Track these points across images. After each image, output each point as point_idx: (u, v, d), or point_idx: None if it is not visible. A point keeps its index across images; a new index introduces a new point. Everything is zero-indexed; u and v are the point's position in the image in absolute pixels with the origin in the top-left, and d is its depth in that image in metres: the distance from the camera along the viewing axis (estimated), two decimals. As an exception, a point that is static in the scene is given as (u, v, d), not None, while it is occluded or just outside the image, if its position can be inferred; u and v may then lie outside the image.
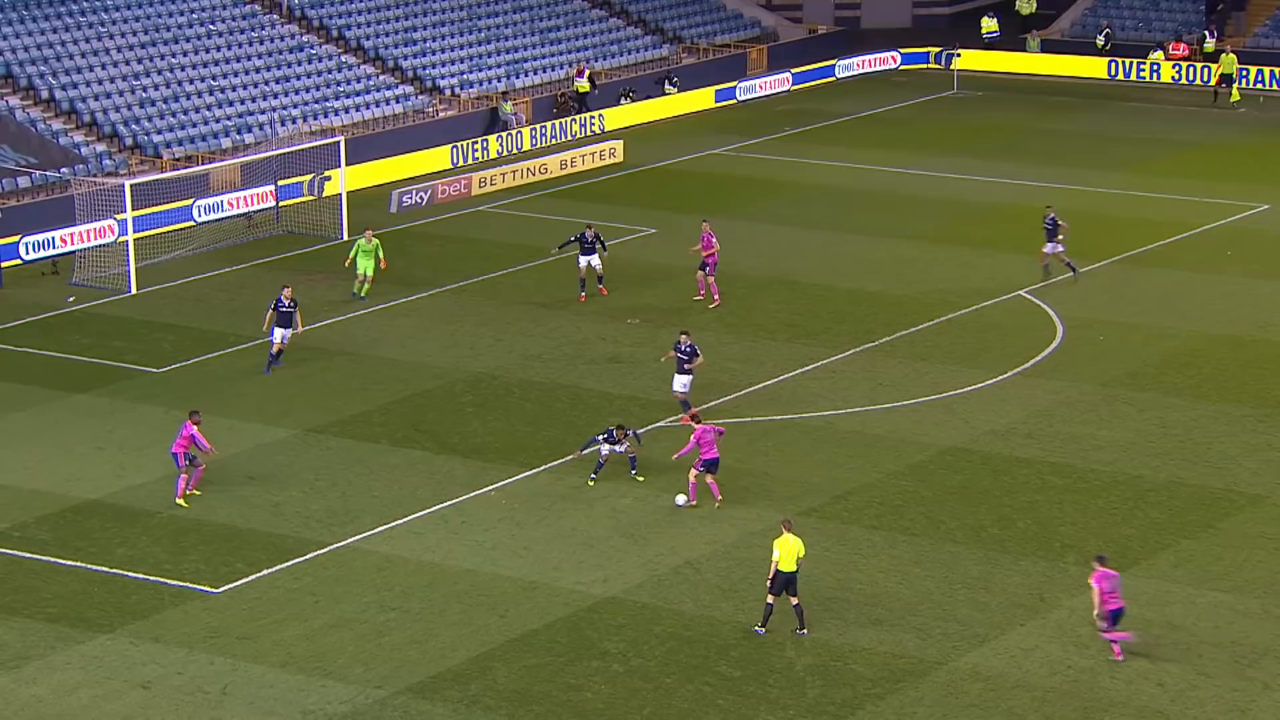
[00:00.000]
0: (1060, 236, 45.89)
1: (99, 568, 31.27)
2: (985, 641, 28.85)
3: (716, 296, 44.80)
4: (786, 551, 28.86)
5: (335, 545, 32.19)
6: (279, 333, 39.57)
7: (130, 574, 31.00)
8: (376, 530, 32.75)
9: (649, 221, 52.02)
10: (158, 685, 27.57)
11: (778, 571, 28.86)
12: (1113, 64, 70.62)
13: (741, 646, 28.69)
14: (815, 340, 42.52)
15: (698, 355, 37.11)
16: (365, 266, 44.74)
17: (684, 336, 37.33)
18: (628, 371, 40.60)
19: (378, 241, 45.16)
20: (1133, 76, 70.33)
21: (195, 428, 33.46)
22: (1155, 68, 70.13)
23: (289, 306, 39.61)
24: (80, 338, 43.00)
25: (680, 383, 37.09)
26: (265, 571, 31.14)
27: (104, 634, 29.01)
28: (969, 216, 53.21)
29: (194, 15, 60.77)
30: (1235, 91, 66.89)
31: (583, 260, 45.10)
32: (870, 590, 30.55)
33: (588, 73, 63.73)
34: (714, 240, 44.72)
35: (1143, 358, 41.41)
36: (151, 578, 30.87)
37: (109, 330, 43.53)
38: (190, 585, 30.63)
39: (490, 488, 34.35)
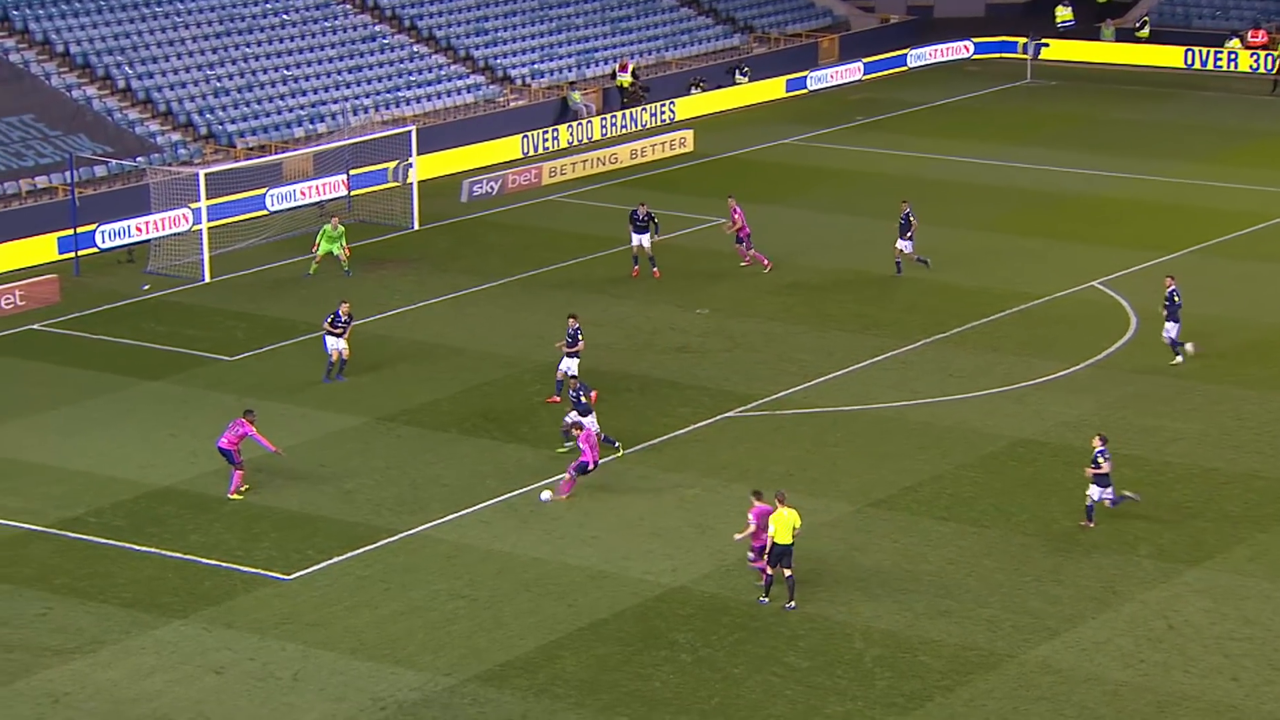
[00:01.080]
0: (910, 234, 45.33)
1: (173, 554, 31.57)
2: (1056, 634, 28.67)
3: (766, 261, 46.01)
4: (781, 524, 29.23)
5: (405, 533, 32.36)
6: (332, 342, 39.26)
7: (203, 560, 31.29)
8: (446, 519, 32.90)
9: (719, 211, 51.83)
10: (230, 670, 27.82)
11: (773, 544, 29.21)
12: (1189, 53, 69.87)
13: (810, 637, 28.64)
14: (886, 331, 42.36)
15: (579, 341, 37.52)
16: (327, 249, 45.82)
17: (571, 320, 37.70)
18: (696, 362, 40.58)
19: (344, 229, 46.32)
20: (1209, 66, 69.58)
21: (253, 428, 33.53)
22: (1232, 56, 69.33)
23: (345, 321, 39.17)
24: (155, 325, 43.40)
25: (568, 365, 37.53)
26: (336, 559, 31.35)
27: (178, 619, 29.29)
28: (1042, 207, 52.84)
29: (268, 5, 61.16)
30: None
31: (635, 239, 45.53)
32: (940, 582, 30.41)
33: (631, 67, 63.56)
34: (739, 213, 45.87)
35: (1218, 350, 40.99)
36: (224, 564, 31.14)
37: (183, 318, 43.90)
38: (262, 572, 30.88)
39: (559, 477, 34.40)
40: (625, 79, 63.35)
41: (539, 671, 27.74)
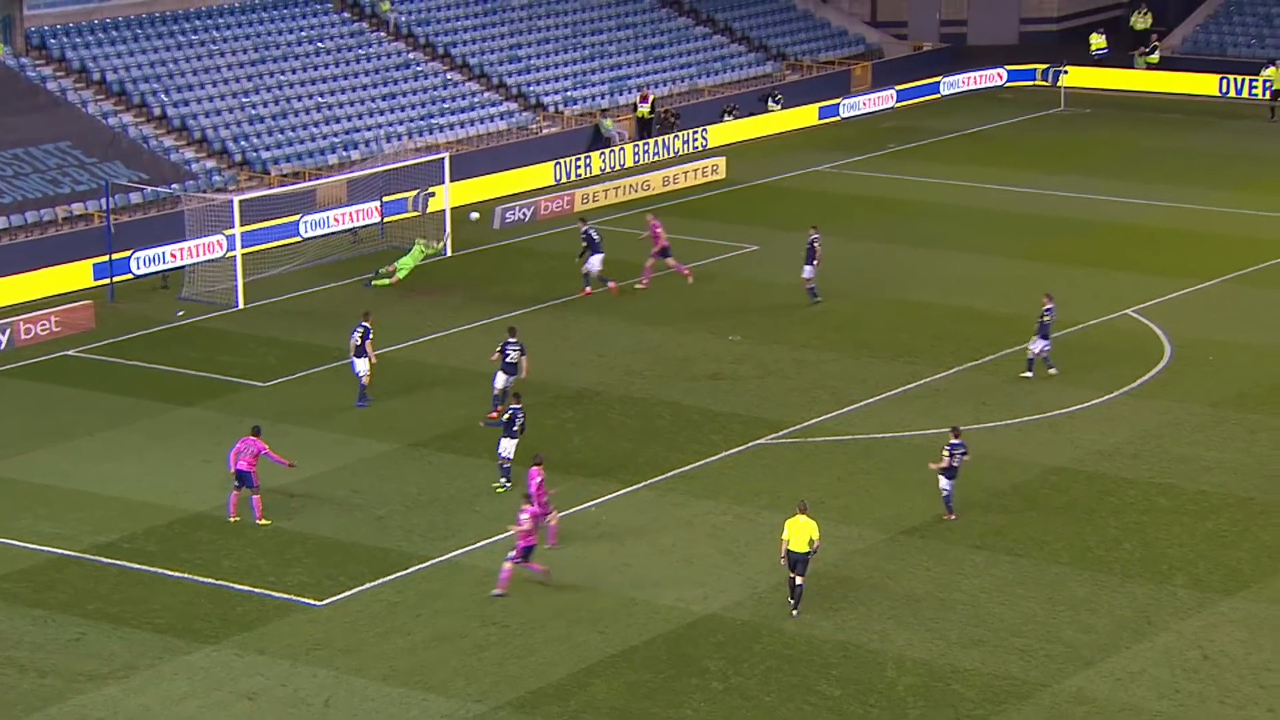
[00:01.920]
0: (815, 262, 45.40)
1: (205, 579, 31.65)
2: (1090, 664, 28.51)
3: (686, 271, 46.83)
4: (796, 532, 29.63)
5: (437, 560, 32.37)
6: (360, 365, 39.16)
7: (236, 586, 31.35)
8: (478, 545, 32.90)
9: (751, 238, 51.95)
10: (262, 696, 27.84)
11: (789, 551, 29.65)
12: (1224, 81, 69.68)
13: (842, 665, 28.54)
14: (918, 358, 42.26)
15: (514, 354, 38.14)
16: (407, 265, 46.76)
17: (509, 333, 38.57)
18: (729, 389, 40.55)
19: (431, 252, 47.53)
20: (1244, 94, 69.34)
21: (265, 444, 33.59)
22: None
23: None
24: (189, 351, 43.57)
25: (506, 381, 38.22)
26: (368, 585, 31.38)
27: (210, 645, 29.35)
28: (1075, 234, 52.70)
29: (302, 33, 61.49)
30: None
31: (595, 262, 46.22)
32: (973, 610, 30.28)
33: (651, 98, 63.53)
34: (659, 228, 46.87)
35: (1253, 378, 40.79)
36: (256, 590, 31.20)
37: (217, 344, 44.07)
38: (294, 598, 30.92)
39: (590, 504, 34.39)
40: (644, 110, 63.36)
41: (570, 699, 27.70)
